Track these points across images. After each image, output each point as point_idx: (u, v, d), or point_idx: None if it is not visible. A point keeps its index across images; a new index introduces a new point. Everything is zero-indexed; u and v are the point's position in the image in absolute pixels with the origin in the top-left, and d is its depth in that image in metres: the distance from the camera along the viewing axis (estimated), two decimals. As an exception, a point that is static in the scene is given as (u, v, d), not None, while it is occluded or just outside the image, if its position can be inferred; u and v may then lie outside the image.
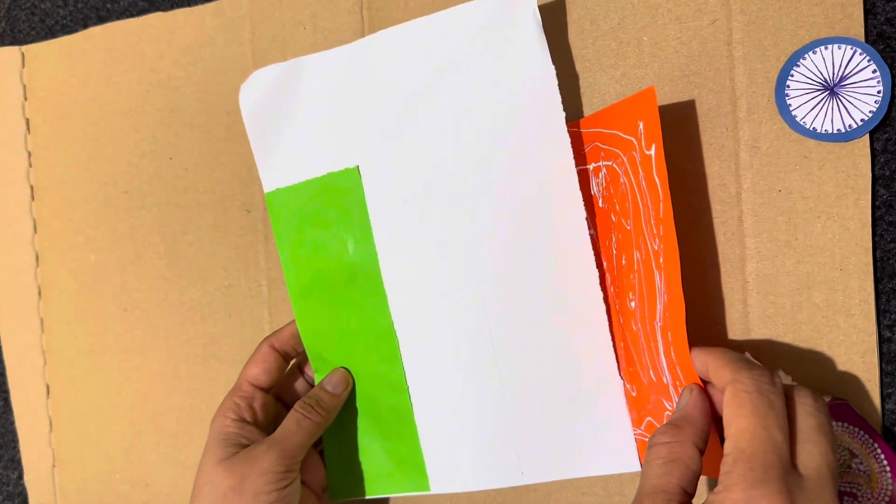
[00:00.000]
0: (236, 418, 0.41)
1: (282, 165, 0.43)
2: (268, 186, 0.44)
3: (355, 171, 0.42)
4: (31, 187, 0.54)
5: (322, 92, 0.42)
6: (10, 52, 0.55)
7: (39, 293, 0.54)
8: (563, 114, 0.38)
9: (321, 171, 0.42)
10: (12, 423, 0.56)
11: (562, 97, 0.38)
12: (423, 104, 0.40)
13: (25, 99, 0.54)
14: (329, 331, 0.43)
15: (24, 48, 0.54)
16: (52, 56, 0.54)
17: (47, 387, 0.54)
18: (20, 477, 0.56)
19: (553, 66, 0.38)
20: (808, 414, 0.31)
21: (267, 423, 0.42)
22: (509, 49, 0.39)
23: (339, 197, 0.42)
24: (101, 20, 0.54)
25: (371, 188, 0.42)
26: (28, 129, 0.55)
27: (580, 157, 0.40)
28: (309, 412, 0.41)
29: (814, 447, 0.30)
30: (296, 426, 0.40)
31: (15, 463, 0.56)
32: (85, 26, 0.54)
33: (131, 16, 0.52)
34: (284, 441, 0.39)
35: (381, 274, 0.42)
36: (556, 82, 0.38)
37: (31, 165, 0.54)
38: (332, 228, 0.43)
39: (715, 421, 0.33)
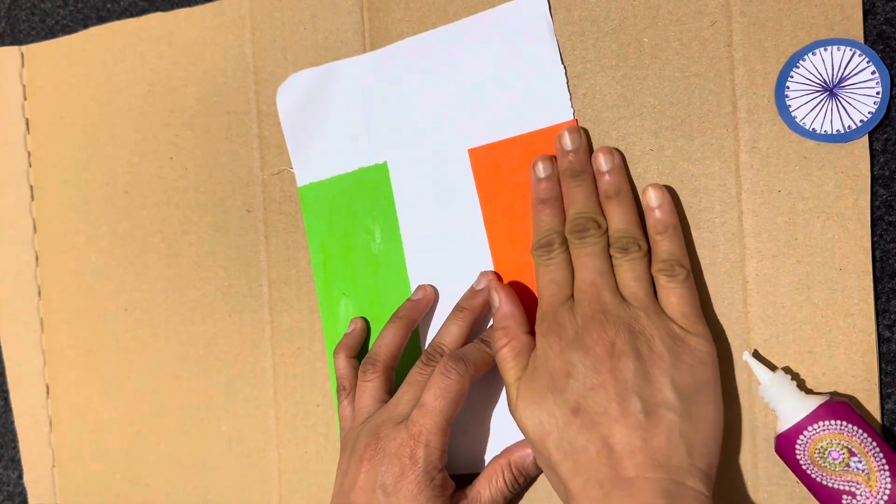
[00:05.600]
0: (442, 468, 0.39)
1: (315, 161, 0.47)
2: (301, 181, 0.47)
3: (384, 167, 0.45)
4: (31, 187, 0.54)
5: (353, 94, 0.46)
6: (10, 52, 0.54)
7: (39, 293, 0.54)
8: (573, 109, 0.41)
9: (352, 167, 0.46)
10: (12, 422, 0.56)
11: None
12: (446, 104, 0.44)
13: (25, 99, 0.54)
14: (352, 317, 0.47)
15: (24, 48, 0.54)
16: (52, 56, 0.54)
17: (47, 387, 0.54)
18: (20, 477, 0.56)
19: (563, 67, 0.41)
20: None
21: None
22: (523, 52, 0.42)
23: (369, 190, 0.46)
24: (101, 20, 0.53)
25: (398, 182, 0.45)
26: (28, 128, 0.54)
27: None
28: (516, 491, 0.41)
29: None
30: (502, 500, 0.40)
31: (15, 463, 0.56)
32: (85, 26, 0.54)
33: (131, 16, 0.52)
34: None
35: (406, 263, 0.45)
36: (565, 81, 0.41)
37: (30, 165, 0.54)
38: (361, 220, 0.46)
39: None
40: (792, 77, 0.38)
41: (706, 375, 0.36)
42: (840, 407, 0.36)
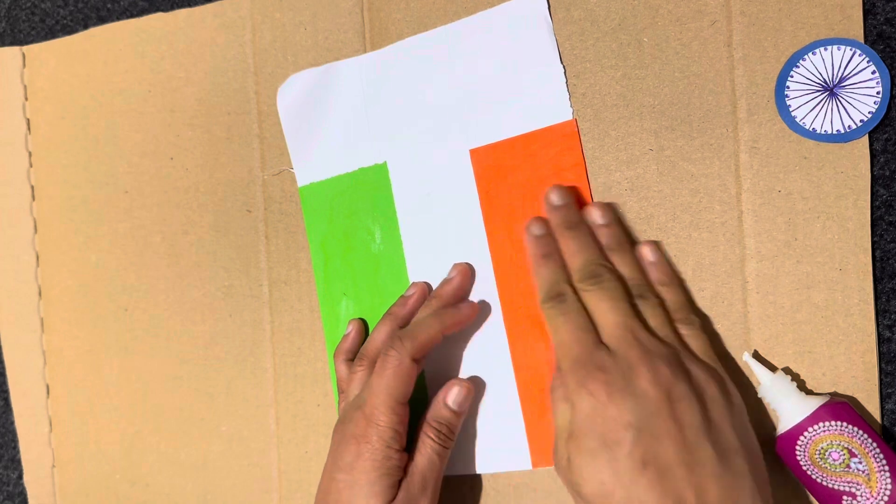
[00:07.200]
0: (399, 448, 0.39)
1: (315, 161, 0.47)
2: (301, 181, 0.47)
3: (384, 167, 0.45)
4: (32, 187, 0.54)
5: (353, 94, 0.46)
6: (11, 52, 0.55)
7: (39, 293, 0.54)
8: (572, 109, 0.41)
9: (352, 167, 0.46)
10: (12, 423, 0.56)
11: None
12: (445, 104, 0.44)
13: (26, 99, 0.55)
14: (352, 317, 0.47)
15: (25, 48, 0.54)
16: (52, 56, 0.54)
17: (47, 387, 0.54)
18: (20, 477, 0.56)
19: (563, 67, 0.42)
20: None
21: None
22: (523, 51, 0.42)
23: (369, 190, 0.46)
24: (102, 20, 0.54)
25: (398, 182, 0.45)
26: (28, 129, 0.55)
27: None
28: (446, 442, 0.40)
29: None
30: (439, 460, 0.40)
31: (15, 463, 0.56)
32: (85, 26, 0.54)
33: (132, 16, 0.52)
34: (433, 475, 0.39)
35: (406, 263, 0.45)
36: (564, 81, 0.42)
37: (31, 165, 0.54)
38: (361, 219, 0.46)
39: None
40: (792, 77, 0.38)
41: (745, 415, 0.35)
42: (840, 408, 0.36)
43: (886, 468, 0.35)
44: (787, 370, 0.38)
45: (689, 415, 0.33)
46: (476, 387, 0.43)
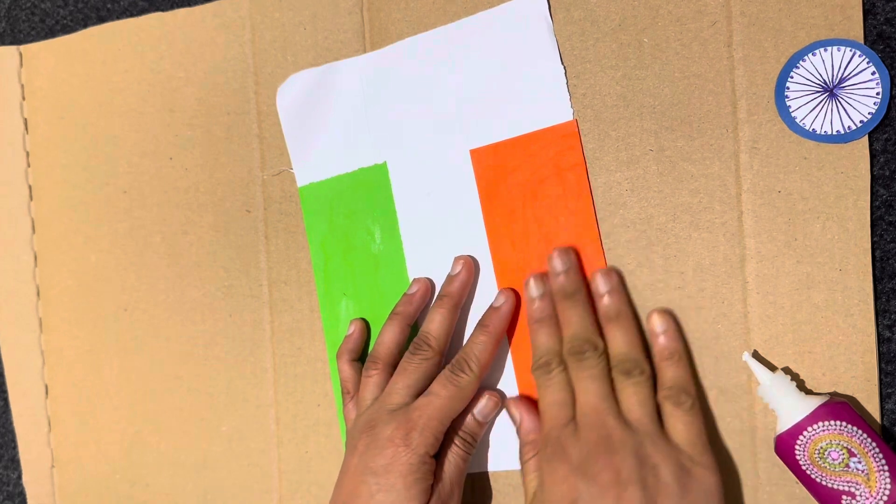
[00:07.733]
0: (433, 454, 0.39)
1: (315, 161, 0.47)
2: (301, 181, 0.47)
3: (384, 167, 0.45)
4: (30, 187, 0.54)
5: (353, 94, 0.46)
6: (9, 52, 0.54)
7: (38, 293, 0.54)
8: (572, 109, 0.41)
9: (352, 167, 0.46)
10: (12, 423, 0.56)
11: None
12: (445, 105, 0.44)
13: (24, 99, 0.54)
14: (353, 318, 0.47)
15: (23, 48, 0.54)
16: (50, 55, 0.54)
17: (46, 387, 0.54)
18: (20, 477, 0.56)
19: (563, 67, 0.42)
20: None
21: None
22: (523, 52, 0.42)
23: (369, 190, 0.46)
24: (102, 20, 0.53)
25: (398, 182, 0.45)
26: (27, 128, 0.54)
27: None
28: (469, 450, 0.41)
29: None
30: (464, 465, 0.41)
31: (15, 463, 0.56)
32: (85, 26, 0.54)
33: (131, 16, 0.52)
34: (459, 480, 0.40)
35: (406, 263, 0.45)
36: (565, 81, 0.42)
37: (29, 165, 0.54)
38: (361, 219, 0.46)
39: None
40: (792, 77, 0.38)
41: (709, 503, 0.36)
42: (840, 407, 0.36)
43: (886, 468, 0.35)
44: (787, 370, 0.39)
45: (632, 500, 0.34)
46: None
